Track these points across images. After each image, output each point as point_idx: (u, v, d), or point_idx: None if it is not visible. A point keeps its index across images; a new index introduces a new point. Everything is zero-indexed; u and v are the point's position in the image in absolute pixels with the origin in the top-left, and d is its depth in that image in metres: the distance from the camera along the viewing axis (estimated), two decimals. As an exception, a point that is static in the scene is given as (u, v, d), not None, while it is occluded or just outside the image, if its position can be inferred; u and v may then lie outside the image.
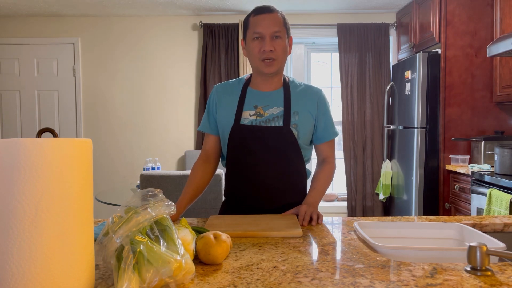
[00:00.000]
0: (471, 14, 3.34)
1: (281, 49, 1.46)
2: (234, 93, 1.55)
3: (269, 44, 1.43)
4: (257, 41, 1.45)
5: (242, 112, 1.50)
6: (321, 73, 4.75)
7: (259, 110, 1.49)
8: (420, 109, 3.48)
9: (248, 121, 1.49)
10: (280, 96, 1.51)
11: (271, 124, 1.48)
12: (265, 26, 1.43)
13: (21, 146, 0.69)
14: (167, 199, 0.90)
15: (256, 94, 1.52)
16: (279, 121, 1.48)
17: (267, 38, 1.43)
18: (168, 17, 4.46)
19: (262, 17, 1.44)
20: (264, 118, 1.48)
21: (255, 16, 1.46)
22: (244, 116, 1.50)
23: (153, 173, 2.67)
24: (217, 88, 1.60)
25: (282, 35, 1.45)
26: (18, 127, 4.54)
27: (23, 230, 0.68)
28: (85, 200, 0.75)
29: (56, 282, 0.70)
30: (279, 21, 1.45)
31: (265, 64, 1.45)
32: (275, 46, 1.44)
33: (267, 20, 1.43)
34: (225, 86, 1.59)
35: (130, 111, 4.52)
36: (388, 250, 1.02)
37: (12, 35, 4.48)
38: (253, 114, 1.49)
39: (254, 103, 1.51)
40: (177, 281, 0.79)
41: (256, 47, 1.45)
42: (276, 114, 1.48)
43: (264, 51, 1.43)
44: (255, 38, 1.45)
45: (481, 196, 2.75)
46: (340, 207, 4.43)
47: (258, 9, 1.47)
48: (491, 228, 1.31)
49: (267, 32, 1.43)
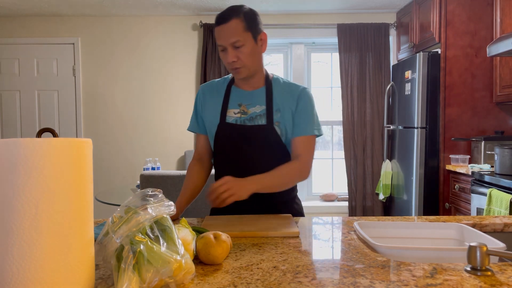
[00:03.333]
0: (471, 14, 3.34)
1: (245, 56, 1.42)
2: (220, 91, 1.56)
3: (231, 55, 1.40)
4: (223, 53, 1.44)
5: (227, 110, 1.51)
6: (321, 73, 4.75)
7: (243, 108, 1.50)
8: (420, 109, 3.48)
9: (233, 119, 1.50)
10: (262, 94, 1.51)
11: (254, 122, 1.48)
12: (224, 38, 1.40)
13: (21, 146, 0.69)
14: (167, 199, 0.90)
15: (240, 93, 1.53)
16: (262, 120, 1.48)
17: (229, 49, 1.40)
18: (168, 17, 4.46)
19: (220, 28, 1.41)
20: (248, 116, 1.49)
21: (216, 28, 1.42)
22: (229, 114, 1.51)
23: (153, 173, 2.67)
24: (202, 87, 1.62)
25: (244, 41, 1.40)
26: (18, 127, 4.54)
27: (23, 230, 0.68)
28: (85, 200, 0.75)
29: (56, 282, 0.70)
30: (237, 28, 1.39)
31: (234, 72, 1.46)
32: (238, 55, 1.41)
33: (224, 32, 1.40)
34: (210, 85, 1.61)
35: (130, 111, 4.52)
36: (388, 250, 1.02)
37: (12, 35, 4.48)
38: (237, 112, 1.50)
39: (239, 101, 1.52)
40: (177, 281, 0.79)
41: (223, 58, 1.45)
42: (258, 112, 1.49)
43: (228, 63, 1.43)
44: (221, 50, 1.44)
45: (481, 196, 2.75)
46: (340, 207, 4.42)
47: (216, 18, 1.42)
48: (491, 228, 1.31)
49: (227, 44, 1.40)
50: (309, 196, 4.59)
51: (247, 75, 1.46)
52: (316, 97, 4.77)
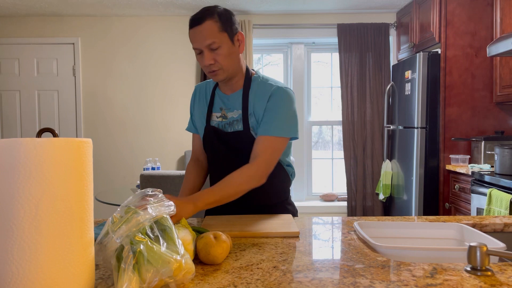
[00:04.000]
0: (471, 14, 3.34)
1: (223, 58, 1.36)
2: (208, 94, 1.55)
3: (207, 57, 1.35)
4: (199, 56, 1.39)
5: (212, 114, 1.51)
6: (321, 73, 4.75)
7: (223, 113, 1.49)
8: (420, 109, 3.48)
9: (216, 123, 1.49)
10: (239, 98, 1.47)
11: (233, 127, 1.46)
12: (198, 41, 1.34)
13: (21, 146, 0.69)
14: (167, 199, 0.90)
15: (222, 97, 1.51)
16: (239, 125, 1.45)
17: (205, 52, 1.35)
18: (168, 17, 4.46)
19: (193, 31, 1.35)
20: (228, 120, 1.48)
21: (189, 30, 1.37)
22: (212, 118, 1.51)
23: (153, 173, 2.67)
24: (195, 88, 1.62)
25: (220, 43, 1.35)
26: (18, 127, 4.54)
27: (23, 230, 0.68)
28: (85, 200, 0.75)
29: (56, 282, 0.70)
30: (212, 30, 1.33)
31: (211, 75, 1.41)
32: (215, 57, 1.36)
33: (198, 34, 1.34)
34: (202, 86, 1.60)
35: (130, 111, 4.52)
36: (388, 250, 1.02)
37: (12, 35, 4.48)
38: (219, 116, 1.50)
39: (220, 105, 1.51)
40: (177, 281, 0.79)
41: (199, 61, 1.39)
42: (235, 117, 1.46)
43: (205, 66, 1.38)
44: (197, 53, 1.39)
45: (481, 196, 2.75)
46: (340, 207, 4.42)
47: (190, 21, 1.37)
48: (491, 228, 1.31)
49: (202, 46, 1.34)
50: (309, 196, 4.59)
51: (225, 77, 1.41)
52: (316, 97, 4.76)
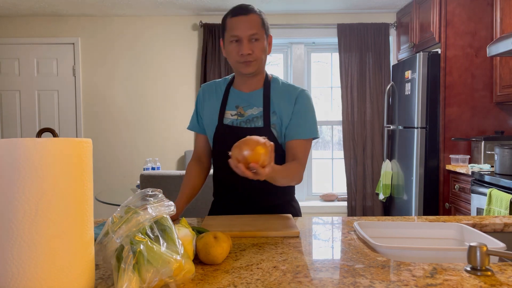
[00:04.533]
0: (471, 14, 3.34)
1: (260, 51, 1.42)
2: (219, 92, 1.55)
3: (246, 47, 1.39)
4: (235, 44, 1.41)
5: (225, 112, 1.50)
6: (321, 73, 4.75)
7: (240, 110, 1.49)
8: (420, 109, 3.48)
9: (230, 121, 1.49)
10: (260, 96, 1.49)
11: (251, 124, 1.46)
12: (242, 29, 1.38)
13: (21, 146, 0.69)
14: (167, 199, 0.90)
15: (238, 94, 1.51)
16: (258, 122, 1.46)
17: (245, 41, 1.39)
18: (168, 17, 4.46)
19: (239, 19, 1.39)
20: (244, 118, 1.48)
21: (232, 18, 1.40)
22: (226, 116, 1.50)
23: (153, 173, 2.67)
24: (203, 87, 1.61)
25: (260, 36, 1.41)
26: (18, 127, 4.54)
27: (23, 230, 0.68)
28: (85, 200, 0.75)
29: (56, 282, 0.70)
30: (256, 22, 1.40)
31: (243, 65, 1.43)
32: (253, 49, 1.40)
33: (244, 23, 1.38)
34: (211, 85, 1.60)
35: (130, 111, 4.52)
36: (388, 250, 1.02)
37: (12, 35, 4.48)
38: (234, 114, 1.49)
39: (236, 103, 1.50)
40: (177, 281, 0.79)
41: (234, 50, 1.41)
42: (255, 114, 1.47)
43: (242, 54, 1.40)
44: (233, 41, 1.41)
45: (481, 196, 2.75)
46: (340, 207, 4.42)
47: (235, 10, 1.41)
48: (491, 228, 1.31)
49: (244, 35, 1.38)
50: (309, 196, 4.59)
51: (255, 70, 1.45)
52: (316, 97, 4.77)
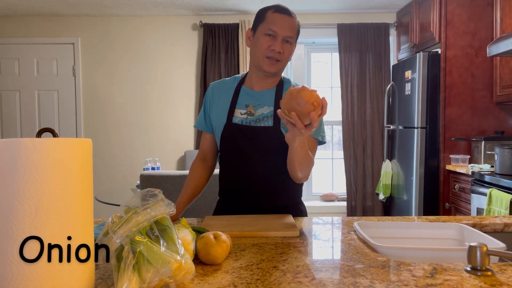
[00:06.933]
0: (471, 14, 3.34)
1: (289, 53, 1.47)
2: (229, 91, 1.55)
3: (279, 45, 1.43)
4: (268, 38, 1.44)
5: (234, 110, 1.50)
6: (321, 73, 4.75)
7: (250, 109, 1.49)
8: (420, 109, 3.48)
9: (239, 120, 1.49)
10: (271, 95, 1.50)
11: (261, 124, 1.47)
12: (283, 28, 1.43)
13: (21, 146, 0.69)
14: (167, 199, 0.90)
15: (249, 93, 1.52)
16: (268, 121, 1.47)
17: (279, 39, 1.43)
18: (168, 17, 4.46)
19: (282, 17, 1.43)
20: (254, 117, 1.48)
21: (275, 13, 1.45)
22: (235, 115, 1.50)
23: (153, 173, 2.67)
24: (212, 86, 1.61)
25: (293, 41, 1.47)
26: (18, 127, 4.54)
27: (23, 230, 0.68)
28: (85, 200, 0.75)
29: (56, 282, 0.70)
30: (295, 28, 1.46)
31: (269, 62, 1.45)
32: (284, 49, 1.44)
33: (286, 23, 1.43)
34: (221, 84, 1.60)
35: (130, 111, 4.52)
36: (388, 250, 1.02)
37: (12, 35, 4.48)
38: (244, 113, 1.49)
39: (246, 102, 1.51)
40: (177, 281, 0.79)
41: (266, 43, 1.44)
42: (266, 113, 1.48)
43: (273, 50, 1.43)
44: (268, 34, 1.44)
45: (481, 196, 2.75)
46: (340, 207, 4.42)
47: (280, 7, 1.46)
48: (491, 228, 1.31)
49: (282, 34, 1.42)
50: (309, 196, 4.59)
51: (277, 70, 1.48)
52: (316, 97, 4.76)
